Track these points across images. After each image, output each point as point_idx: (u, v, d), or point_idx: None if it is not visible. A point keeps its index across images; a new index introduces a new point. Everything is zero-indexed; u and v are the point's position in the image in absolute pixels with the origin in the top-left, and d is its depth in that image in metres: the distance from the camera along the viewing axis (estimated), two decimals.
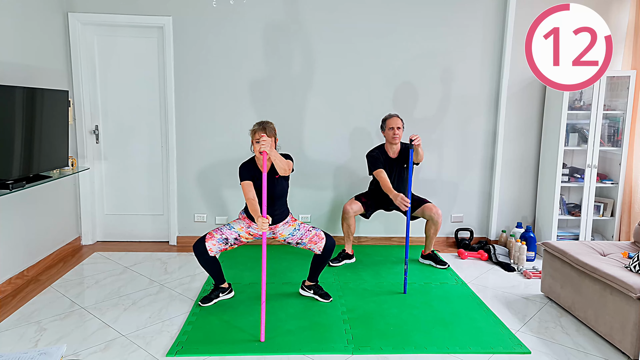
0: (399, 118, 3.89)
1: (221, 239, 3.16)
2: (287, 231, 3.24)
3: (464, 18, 4.38)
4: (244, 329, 2.94)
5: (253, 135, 3.01)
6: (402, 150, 3.95)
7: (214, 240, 3.15)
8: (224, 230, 3.19)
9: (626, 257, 3.16)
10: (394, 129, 3.84)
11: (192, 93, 4.38)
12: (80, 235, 4.51)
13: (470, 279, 3.85)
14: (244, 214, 3.25)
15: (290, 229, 3.25)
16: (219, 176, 4.50)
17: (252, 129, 3.02)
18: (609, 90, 4.27)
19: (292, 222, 3.28)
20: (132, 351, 2.68)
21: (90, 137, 4.43)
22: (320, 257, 3.27)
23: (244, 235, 3.21)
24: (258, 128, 2.99)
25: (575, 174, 4.39)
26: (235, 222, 3.25)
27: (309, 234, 3.24)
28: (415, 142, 3.47)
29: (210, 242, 3.14)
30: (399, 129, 3.85)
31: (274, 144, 3.03)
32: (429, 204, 4.00)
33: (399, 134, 3.86)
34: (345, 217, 4.02)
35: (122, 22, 4.24)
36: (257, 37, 4.32)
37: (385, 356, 2.68)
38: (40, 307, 3.20)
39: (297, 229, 3.25)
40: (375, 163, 3.87)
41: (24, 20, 3.58)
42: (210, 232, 3.18)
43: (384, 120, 3.93)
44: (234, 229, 3.20)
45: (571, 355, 2.73)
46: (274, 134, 3.03)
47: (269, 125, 3.01)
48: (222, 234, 3.17)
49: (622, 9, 4.37)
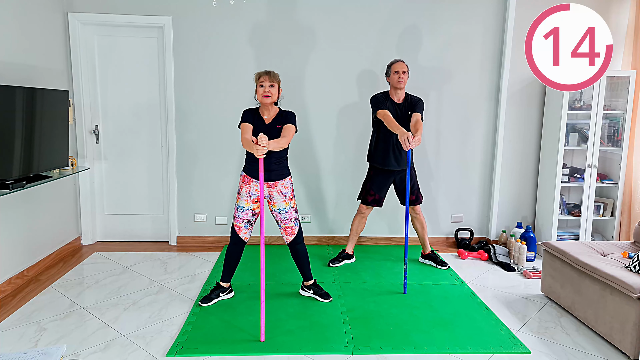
0: (404, 63, 3.83)
1: (245, 224, 3.25)
2: (280, 204, 3.24)
3: (464, 18, 4.37)
4: (244, 329, 2.94)
5: (257, 80, 3.08)
6: (407, 99, 3.86)
7: (243, 230, 3.25)
8: (241, 215, 3.23)
9: (626, 257, 3.16)
10: (399, 72, 3.77)
11: (192, 93, 4.38)
12: (80, 235, 4.51)
13: (470, 279, 3.85)
14: (243, 173, 3.25)
15: (282, 205, 3.24)
16: (219, 176, 4.50)
17: (257, 72, 3.11)
18: (609, 90, 4.27)
19: (289, 200, 3.26)
20: (132, 351, 2.68)
21: (90, 137, 4.43)
22: (292, 250, 3.35)
23: (253, 206, 3.24)
24: (263, 72, 3.08)
25: (575, 174, 4.39)
26: (240, 198, 3.23)
27: (289, 222, 3.27)
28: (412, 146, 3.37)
29: (242, 233, 3.24)
30: (404, 72, 3.78)
31: (278, 94, 3.14)
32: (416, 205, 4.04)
33: (404, 78, 3.79)
34: (360, 214, 4.05)
35: (122, 22, 4.24)
36: (257, 37, 4.32)
37: (385, 356, 2.68)
38: (40, 307, 3.20)
39: (287, 209, 3.25)
40: (379, 103, 3.78)
41: (24, 20, 3.58)
42: (236, 225, 3.25)
43: (389, 65, 3.86)
44: (245, 208, 3.22)
45: (571, 355, 2.73)
46: (278, 82, 3.11)
47: (273, 72, 3.10)
48: (242, 220, 3.23)
49: (622, 9, 4.37)
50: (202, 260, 4.18)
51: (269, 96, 3.06)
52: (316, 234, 4.65)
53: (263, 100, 3.08)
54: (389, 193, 4.14)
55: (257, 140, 2.74)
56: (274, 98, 3.11)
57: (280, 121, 3.15)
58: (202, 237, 4.58)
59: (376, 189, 3.96)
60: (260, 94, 3.07)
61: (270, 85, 3.06)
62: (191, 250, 4.43)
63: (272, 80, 3.07)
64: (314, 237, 4.63)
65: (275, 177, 3.19)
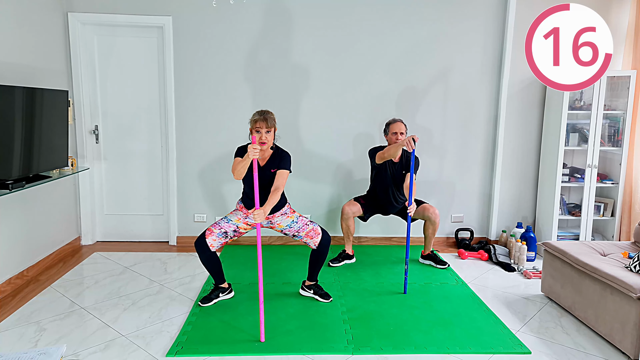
0: (403, 123, 3.92)
1: (220, 233, 3.16)
2: (285, 222, 3.24)
3: (464, 18, 4.37)
4: (244, 329, 2.94)
5: (253, 125, 3.00)
6: (403, 156, 3.97)
7: (214, 235, 3.15)
8: (222, 224, 3.18)
9: (626, 257, 3.15)
10: (397, 133, 3.87)
11: (192, 93, 4.38)
12: (80, 236, 4.50)
13: (470, 279, 3.85)
14: (241, 203, 3.24)
15: (288, 220, 3.24)
16: (219, 176, 4.50)
17: (253, 118, 3.01)
18: (609, 90, 4.27)
19: (291, 214, 3.27)
20: (132, 351, 2.68)
21: (90, 137, 4.42)
22: (317, 252, 3.27)
23: (242, 226, 3.20)
24: (259, 118, 2.98)
25: (575, 174, 4.39)
26: (232, 214, 3.23)
27: (306, 227, 3.24)
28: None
29: (211, 238, 3.14)
30: (402, 134, 3.87)
31: (273, 134, 3.05)
32: (426, 204, 4.01)
33: (402, 140, 3.84)
34: (344, 217, 4.03)
35: (122, 22, 4.24)
36: (256, 37, 4.32)
37: (385, 356, 2.68)
38: (40, 307, 3.20)
39: (295, 221, 3.24)
40: (377, 151, 3.89)
41: (24, 20, 3.58)
42: (209, 228, 3.17)
43: (388, 124, 3.96)
44: (231, 221, 3.19)
45: (571, 355, 2.73)
46: (273, 125, 3.03)
47: (269, 116, 3.00)
48: (221, 228, 3.17)
49: (622, 9, 4.36)
50: None
51: (265, 143, 2.98)
52: None
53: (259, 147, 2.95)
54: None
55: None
56: (270, 144, 3.04)
57: (275, 164, 3.09)
58: None
59: (368, 209, 4.09)
60: (256, 140, 2.96)
61: (267, 132, 2.97)
62: (191, 250, 4.42)
63: (269, 127, 2.97)
64: None
65: (274, 211, 3.19)
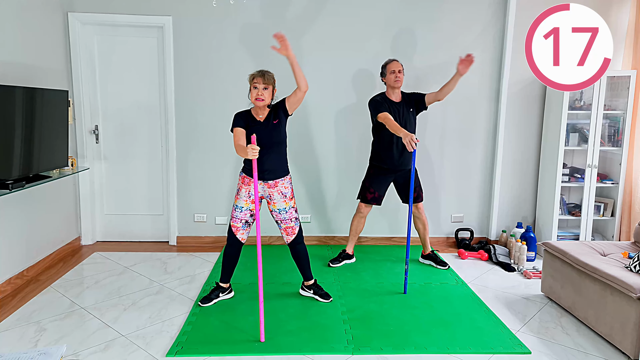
0: (399, 62, 3.83)
1: (243, 225, 3.22)
2: (280, 204, 3.21)
3: (464, 18, 4.37)
4: (244, 329, 2.94)
5: (251, 81, 3.01)
6: (403, 97, 3.87)
7: (240, 230, 3.21)
8: (239, 215, 3.20)
9: (626, 257, 3.15)
10: (395, 72, 3.76)
11: (192, 93, 4.38)
12: (80, 235, 4.50)
13: (470, 279, 3.85)
14: (242, 173, 3.22)
15: (283, 205, 3.21)
16: (219, 176, 4.50)
17: (251, 74, 3.03)
18: (609, 90, 4.27)
19: (289, 200, 3.23)
20: (132, 351, 2.68)
21: (90, 137, 4.42)
22: (292, 250, 3.33)
23: (252, 207, 3.21)
24: (257, 74, 3.00)
25: (575, 174, 4.39)
26: (239, 199, 3.20)
27: (289, 222, 3.25)
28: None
29: (239, 234, 3.21)
30: (400, 72, 3.77)
31: (272, 95, 3.07)
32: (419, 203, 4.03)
33: (401, 77, 3.78)
34: (359, 213, 4.03)
35: (122, 22, 4.24)
36: (257, 36, 4.32)
37: (385, 356, 2.68)
38: (40, 307, 3.20)
39: (287, 210, 3.23)
40: (378, 107, 3.74)
41: (23, 20, 3.58)
42: (233, 225, 3.21)
43: (384, 65, 3.85)
44: (243, 208, 3.20)
45: (571, 355, 2.73)
46: (271, 83, 3.03)
47: (267, 73, 3.02)
48: (241, 220, 3.20)
49: (622, 9, 4.36)
50: (202, 260, 4.18)
51: (262, 100, 2.99)
52: (316, 234, 4.65)
53: (256, 103, 3.02)
54: (390, 193, 4.13)
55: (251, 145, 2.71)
56: (267, 101, 3.04)
57: (275, 115, 3.10)
58: (201, 237, 4.58)
59: (376, 187, 3.95)
60: (253, 96, 2.99)
61: (264, 88, 2.99)
62: (191, 250, 4.43)
63: (266, 83, 2.99)
64: (314, 237, 4.63)
65: (275, 176, 3.16)
